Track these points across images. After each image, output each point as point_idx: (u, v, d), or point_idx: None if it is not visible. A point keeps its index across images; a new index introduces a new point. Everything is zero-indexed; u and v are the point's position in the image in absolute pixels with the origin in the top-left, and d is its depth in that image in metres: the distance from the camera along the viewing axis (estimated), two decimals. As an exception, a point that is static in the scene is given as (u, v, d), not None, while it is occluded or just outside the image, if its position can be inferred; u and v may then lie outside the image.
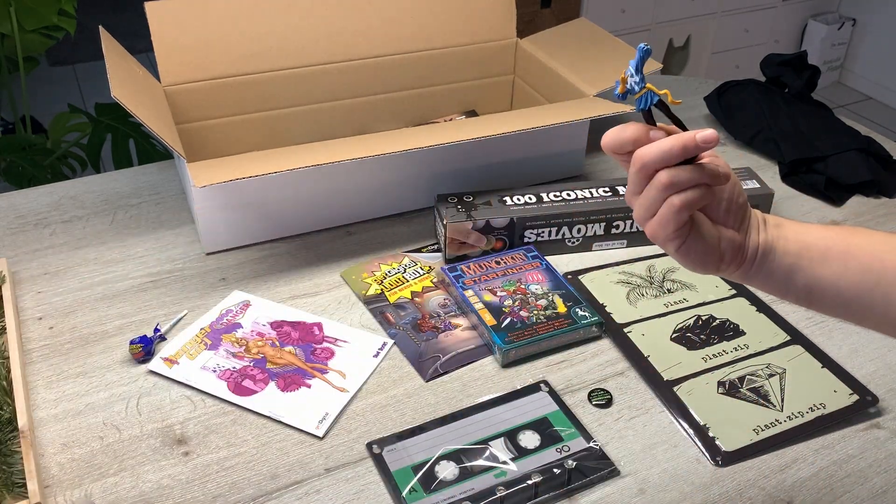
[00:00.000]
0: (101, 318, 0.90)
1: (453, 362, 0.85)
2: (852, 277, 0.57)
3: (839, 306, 0.59)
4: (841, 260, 0.57)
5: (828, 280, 0.58)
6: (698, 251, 0.57)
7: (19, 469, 0.69)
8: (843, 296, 0.58)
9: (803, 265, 0.58)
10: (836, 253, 0.58)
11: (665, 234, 0.56)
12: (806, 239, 0.59)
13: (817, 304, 0.60)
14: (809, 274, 0.58)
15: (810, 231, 0.60)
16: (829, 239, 0.59)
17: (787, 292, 0.60)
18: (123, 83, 0.92)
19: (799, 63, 1.31)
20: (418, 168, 1.05)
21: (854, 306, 0.58)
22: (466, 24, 1.23)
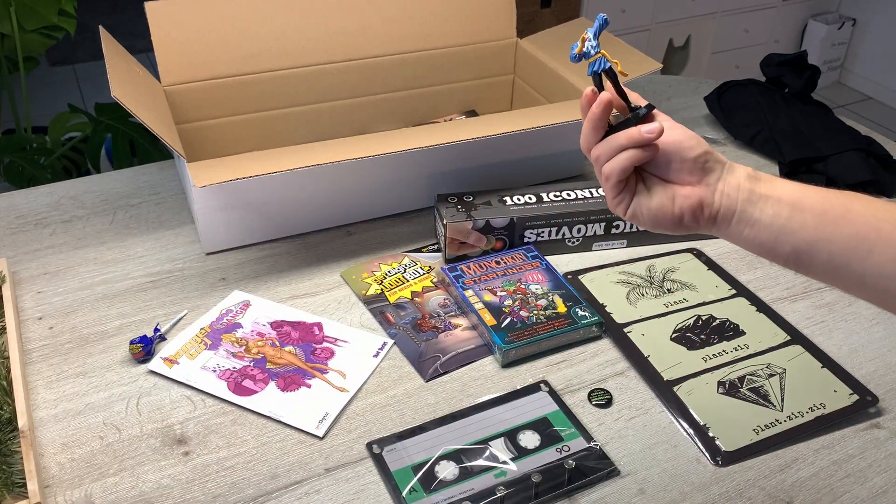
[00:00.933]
0: (101, 318, 0.90)
1: (453, 362, 0.85)
2: (845, 244, 0.55)
3: (828, 272, 0.57)
4: (836, 224, 0.56)
5: (819, 244, 0.56)
6: (648, 211, 0.60)
7: (19, 469, 0.69)
8: (833, 262, 0.56)
9: (793, 227, 0.57)
10: (832, 217, 0.56)
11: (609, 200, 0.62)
12: (801, 199, 0.57)
13: (805, 268, 0.59)
14: (800, 236, 0.57)
15: (807, 192, 0.58)
16: (827, 202, 0.57)
17: (775, 254, 0.59)
18: (123, 83, 0.92)
19: (799, 63, 1.31)
20: (418, 168, 1.05)
21: (843, 272, 0.56)
22: (466, 24, 1.23)
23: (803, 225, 0.57)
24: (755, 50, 3.17)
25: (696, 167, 0.59)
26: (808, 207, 0.57)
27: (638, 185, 0.61)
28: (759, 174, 0.60)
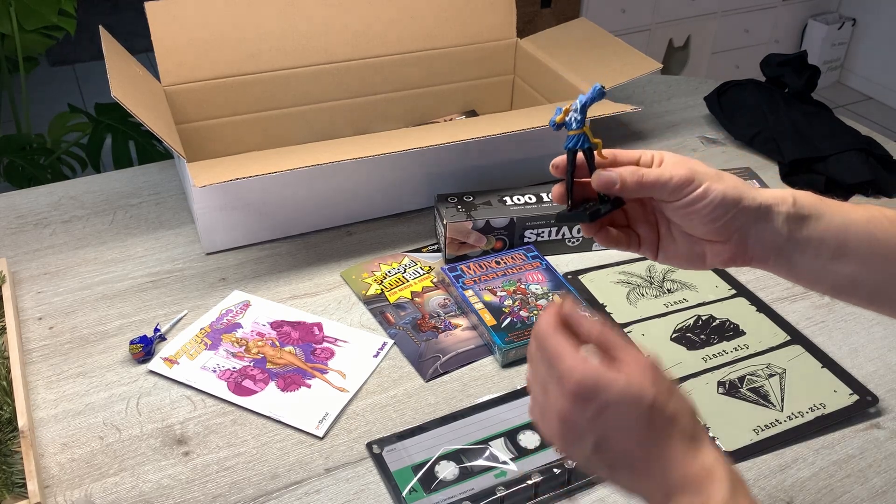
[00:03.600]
0: (101, 318, 0.90)
1: (453, 362, 0.85)
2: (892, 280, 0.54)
3: (870, 302, 0.56)
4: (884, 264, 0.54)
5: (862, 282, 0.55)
6: (678, 260, 0.59)
7: (19, 469, 0.69)
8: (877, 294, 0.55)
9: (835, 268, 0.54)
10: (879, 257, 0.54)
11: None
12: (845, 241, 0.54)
13: (844, 299, 0.57)
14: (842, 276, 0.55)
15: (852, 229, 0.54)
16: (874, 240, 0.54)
17: (813, 287, 0.57)
18: (123, 83, 0.92)
19: (799, 63, 1.31)
20: (418, 168, 1.05)
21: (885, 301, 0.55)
22: (466, 24, 1.23)
23: (846, 266, 0.55)
24: (755, 50, 3.17)
25: (725, 229, 0.55)
26: (853, 249, 0.54)
27: (662, 233, 0.59)
28: (804, 208, 0.55)
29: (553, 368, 0.48)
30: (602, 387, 0.46)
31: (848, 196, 1.15)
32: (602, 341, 0.49)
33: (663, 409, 0.47)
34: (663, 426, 0.47)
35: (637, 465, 0.47)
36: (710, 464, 0.47)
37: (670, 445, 0.47)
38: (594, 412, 0.46)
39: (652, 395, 0.46)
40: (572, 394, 0.47)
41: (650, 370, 0.48)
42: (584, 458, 0.49)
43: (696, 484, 0.46)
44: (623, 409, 0.46)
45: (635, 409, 0.46)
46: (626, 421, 0.46)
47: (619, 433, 0.46)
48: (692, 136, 1.30)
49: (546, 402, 0.49)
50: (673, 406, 0.47)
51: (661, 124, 1.33)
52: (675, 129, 1.32)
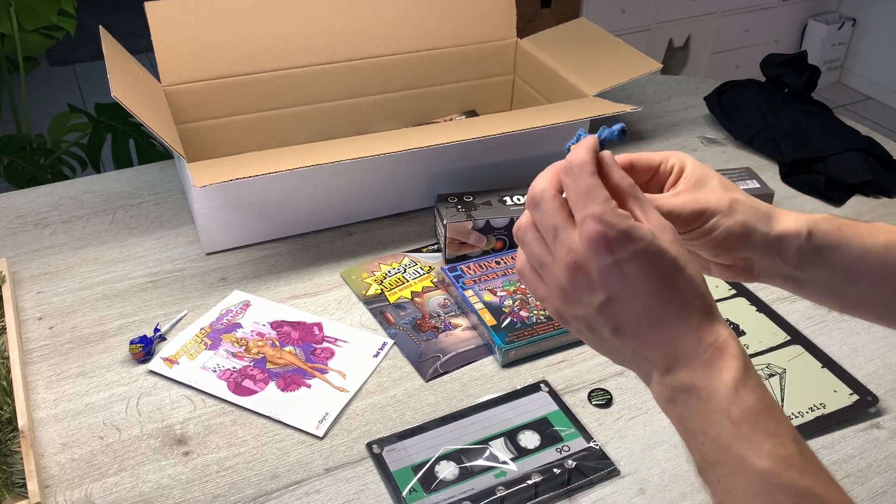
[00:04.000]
0: (101, 318, 0.90)
1: (453, 362, 0.85)
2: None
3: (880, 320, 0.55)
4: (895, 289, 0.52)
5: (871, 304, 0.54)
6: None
7: (19, 469, 0.69)
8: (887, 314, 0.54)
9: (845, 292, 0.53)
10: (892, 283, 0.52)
11: None
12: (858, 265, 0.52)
13: (852, 314, 0.56)
14: (852, 299, 0.54)
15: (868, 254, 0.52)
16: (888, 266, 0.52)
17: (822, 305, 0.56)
18: (123, 83, 0.92)
19: (799, 63, 1.31)
20: (418, 168, 1.05)
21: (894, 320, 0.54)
22: (466, 24, 1.23)
23: (856, 291, 0.53)
24: (755, 50, 3.17)
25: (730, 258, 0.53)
26: (866, 277, 0.53)
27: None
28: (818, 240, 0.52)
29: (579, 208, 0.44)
30: (631, 236, 0.42)
31: (848, 196, 1.15)
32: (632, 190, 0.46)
33: (683, 271, 0.44)
34: (680, 291, 0.44)
35: (646, 329, 0.44)
36: (723, 338, 0.44)
37: (684, 313, 0.44)
38: (613, 262, 0.43)
39: (675, 253, 0.43)
40: (597, 237, 0.43)
41: (672, 230, 0.45)
42: (584, 316, 0.45)
43: (705, 358, 0.43)
44: (645, 266, 0.43)
45: (657, 267, 0.43)
46: (646, 279, 0.43)
47: (633, 291, 0.43)
48: (692, 136, 1.30)
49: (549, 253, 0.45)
50: (691, 270, 0.44)
51: (661, 124, 1.33)
52: (675, 129, 1.32)
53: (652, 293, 0.43)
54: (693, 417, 0.44)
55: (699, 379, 0.43)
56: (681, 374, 0.44)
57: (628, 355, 0.46)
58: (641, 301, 0.43)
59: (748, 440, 0.42)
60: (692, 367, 0.43)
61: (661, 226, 0.44)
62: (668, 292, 0.43)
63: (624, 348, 0.46)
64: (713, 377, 0.43)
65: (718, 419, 0.43)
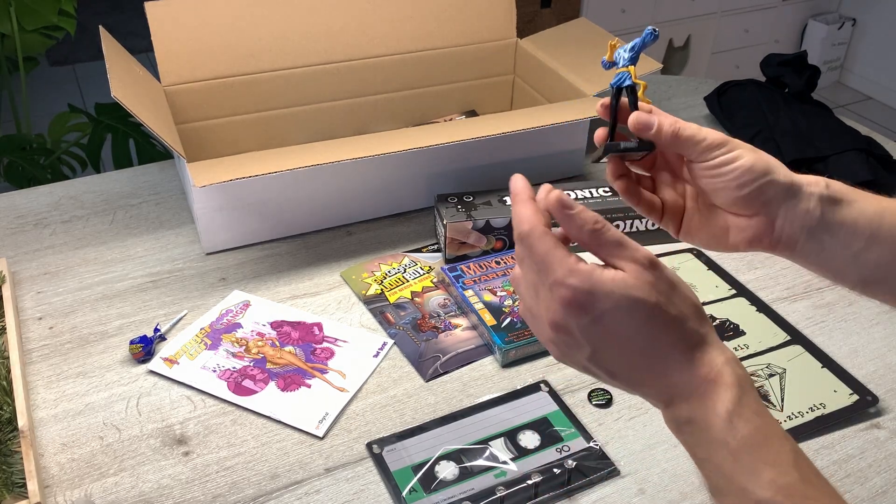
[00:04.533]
0: (101, 318, 0.90)
1: (453, 362, 0.85)
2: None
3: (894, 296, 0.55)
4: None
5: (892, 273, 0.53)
6: (700, 238, 0.57)
7: (19, 469, 0.69)
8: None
9: (866, 258, 0.52)
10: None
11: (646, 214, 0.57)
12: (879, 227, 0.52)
13: (870, 293, 0.55)
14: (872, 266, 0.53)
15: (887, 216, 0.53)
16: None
17: (840, 281, 0.55)
18: (123, 83, 0.92)
19: (799, 63, 1.31)
20: (418, 168, 1.05)
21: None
22: (466, 24, 1.23)
23: (878, 256, 0.53)
24: (755, 50, 3.17)
25: (753, 201, 0.53)
26: (887, 236, 0.52)
27: (688, 206, 0.57)
28: (837, 192, 0.53)
29: (543, 274, 0.45)
30: (598, 294, 0.43)
31: (848, 196, 1.15)
32: (595, 238, 0.45)
33: (664, 312, 0.44)
34: (664, 332, 0.44)
35: (637, 372, 0.45)
36: (717, 368, 0.44)
37: (672, 352, 0.44)
38: (590, 321, 0.43)
39: (653, 300, 0.43)
40: (566, 302, 0.44)
41: (649, 270, 0.44)
42: (581, 366, 0.47)
43: (700, 391, 0.43)
44: (620, 317, 0.43)
45: (634, 316, 0.43)
46: (625, 329, 0.43)
47: (616, 342, 0.44)
48: (692, 136, 1.30)
49: (537, 308, 0.46)
50: (675, 309, 0.44)
51: (661, 124, 1.33)
52: (675, 129, 1.32)
53: (633, 341, 0.44)
54: (699, 446, 0.44)
55: (696, 411, 0.44)
56: (679, 407, 0.44)
57: (632, 391, 0.47)
58: (626, 349, 0.44)
59: (748, 470, 0.42)
60: (689, 401, 0.44)
61: (637, 265, 0.44)
62: (649, 338, 0.44)
63: (625, 387, 0.47)
64: (708, 409, 0.43)
65: (718, 450, 0.43)
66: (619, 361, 0.45)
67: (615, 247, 0.45)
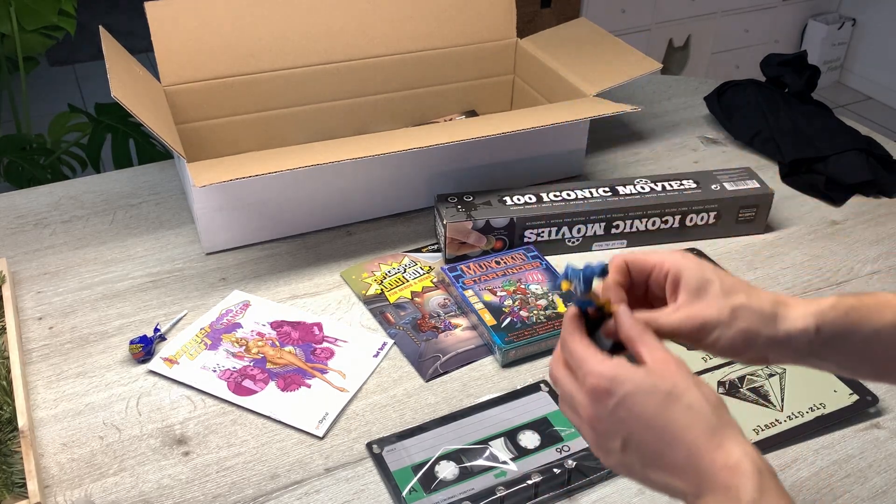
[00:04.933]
0: (101, 318, 0.90)
1: (453, 362, 0.85)
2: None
3: None
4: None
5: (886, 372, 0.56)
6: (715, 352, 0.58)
7: (19, 469, 0.69)
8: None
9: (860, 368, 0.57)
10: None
11: None
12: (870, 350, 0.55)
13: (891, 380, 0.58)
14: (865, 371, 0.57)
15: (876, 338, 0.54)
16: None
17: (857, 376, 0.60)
18: (123, 83, 0.92)
19: (799, 63, 1.31)
20: (418, 168, 1.05)
21: None
22: (466, 24, 1.23)
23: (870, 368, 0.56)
24: (755, 50, 3.17)
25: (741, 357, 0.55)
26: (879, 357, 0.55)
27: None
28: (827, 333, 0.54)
29: (576, 372, 0.50)
30: (619, 380, 0.47)
31: (848, 196, 1.15)
32: (626, 336, 0.51)
33: (681, 397, 0.47)
34: (682, 415, 0.46)
35: (664, 459, 0.47)
36: (735, 458, 0.45)
37: (691, 436, 0.46)
38: (614, 406, 0.47)
39: (670, 384, 0.47)
40: (592, 390, 0.48)
41: (672, 363, 0.48)
42: (619, 461, 0.49)
43: (723, 481, 0.45)
44: (640, 399, 0.47)
45: (653, 398, 0.47)
46: (646, 409, 0.46)
47: (640, 424, 0.47)
48: (692, 136, 1.30)
49: (578, 415, 0.51)
50: (693, 396, 0.47)
51: (661, 124, 1.33)
52: (675, 129, 1.32)
53: (653, 424, 0.47)
54: None
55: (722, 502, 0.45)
56: (707, 500, 0.46)
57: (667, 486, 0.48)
58: (650, 432, 0.47)
59: None
60: (715, 493, 0.45)
61: (662, 360, 0.49)
62: (671, 419, 0.47)
63: (659, 480, 0.48)
64: (731, 499, 0.44)
65: None
66: (646, 445, 0.47)
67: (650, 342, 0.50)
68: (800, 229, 1.08)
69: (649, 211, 1.01)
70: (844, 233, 1.07)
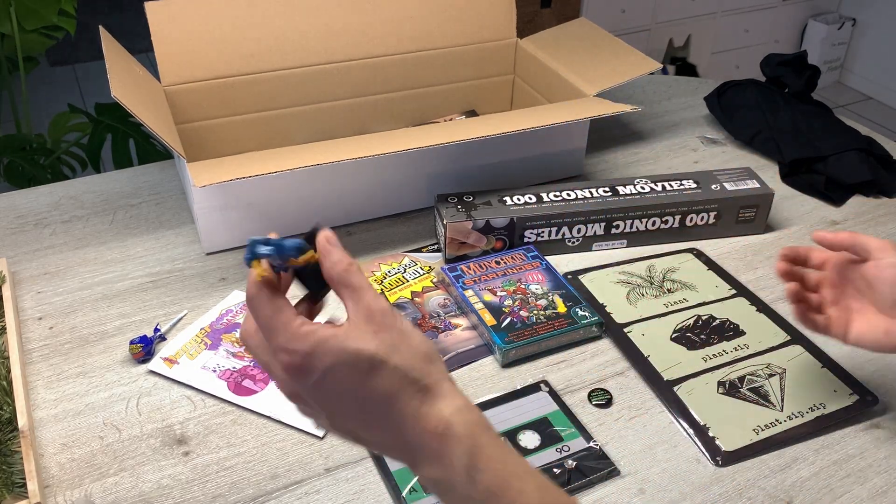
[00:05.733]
0: (101, 318, 0.90)
1: (453, 362, 0.85)
2: None
3: None
4: None
5: None
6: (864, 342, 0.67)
7: (19, 469, 0.69)
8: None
9: None
10: None
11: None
12: None
13: None
14: None
15: None
16: None
17: None
18: (123, 83, 0.92)
19: (799, 63, 1.31)
20: (418, 168, 1.05)
21: None
22: (466, 24, 1.23)
23: None
24: (755, 50, 3.17)
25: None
26: None
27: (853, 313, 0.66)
28: None
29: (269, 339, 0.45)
30: (317, 354, 0.43)
31: (848, 196, 1.15)
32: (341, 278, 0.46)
33: (387, 361, 0.43)
34: (387, 381, 0.43)
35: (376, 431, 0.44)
36: (445, 419, 0.43)
37: (399, 406, 0.43)
38: (314, 383, 0.43)
39: (372, 349, 0.43)
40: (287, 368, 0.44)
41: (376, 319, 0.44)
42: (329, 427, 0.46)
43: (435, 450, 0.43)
44: (343, 372, 0.43)
45: (355, 370, 0.43)
46: (350, 382, 0.43)
47: (345, 400, 0.43)
48: (692, 136, 1.30)
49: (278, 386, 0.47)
50: (399, 356, 0.43)
51: (661, 124, 1.33)
52: (675, 129, 1.32)
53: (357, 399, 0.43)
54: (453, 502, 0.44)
55: (436, 472, 0.43)
56: (423, 469, 0.44)
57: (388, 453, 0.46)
58: (355, 406, 0.43)
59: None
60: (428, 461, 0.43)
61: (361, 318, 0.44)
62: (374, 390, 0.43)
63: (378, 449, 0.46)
64: (447, 468, 0.43)
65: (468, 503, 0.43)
66: (354, 421, 0.44)
67: (353, 291, 0.45)
68: (800, 229, 1.08)
69: (649, 211, 1.01)
70: (844, 233, 1.07)
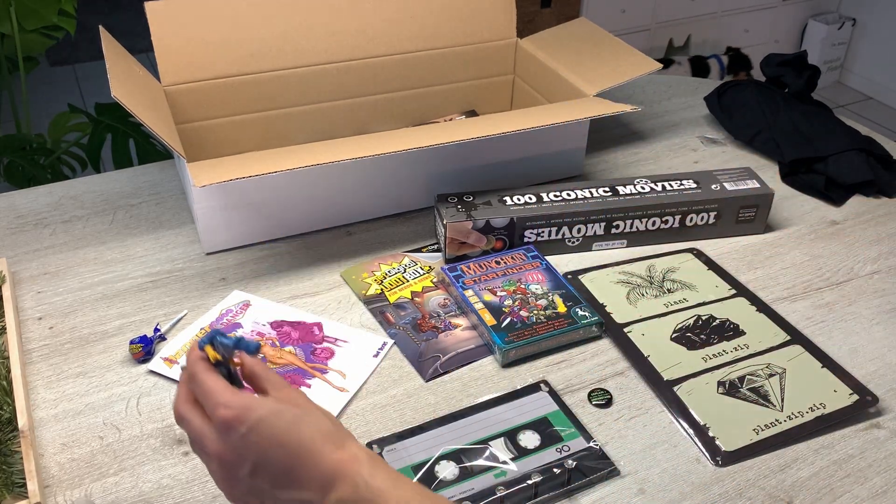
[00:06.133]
0: (101, 318, 0.90)
1: (453, 362, 0.85)
2: None
3: None
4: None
5: None
6: None
7: (19, 469, 0.69)
8: None
9: None
10: None
11: None
12: None
13: None
14: None
15: None
16: None
17: None
18: (123, 83, 0.92)
19: (799, 63, 1.31)
20: (418, 168, 1.05)
21: None
22: (466, 24, 1.23)
23: None
24: (755, 50, 3.17)
25: None
26: None
27: None
28: None
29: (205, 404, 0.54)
30: (251, 407, 0.53)
31: (848, 196, 1.15)
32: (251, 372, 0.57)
33: (307, 416, 0.54)
34: (309, 429, 0.53)
35: (294, 473, 0.52)
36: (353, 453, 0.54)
37: (318, 446, 0.53)
38: (246, 431, 0.52)
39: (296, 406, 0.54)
40: (222, 423, 0.52)
41: (294, 392, 0.56)
42: (248, 487, 0.54)
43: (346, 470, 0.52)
44: (271, 421, 0.52)
45: (283, 418, 0.53)
46: (278, 429, 0.52)
47: (273, 444, 0.52)
48: (692, 136, 1.30)
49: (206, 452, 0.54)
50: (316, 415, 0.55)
51: (661, 124, 1.33)
52: (675, 129, 1.32)
53: (285, 440, 0.52)
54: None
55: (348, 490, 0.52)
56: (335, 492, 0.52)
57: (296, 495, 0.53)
58: (281, 450, 0.52)
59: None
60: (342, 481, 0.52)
61: (286, 391, 0.56)
62: (297, 436, 0.53)
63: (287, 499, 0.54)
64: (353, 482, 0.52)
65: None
66: (279, 463, 0.52)
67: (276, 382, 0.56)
68: (800, 229, 1.08)
69: (649, 211, 1.01)
70: (844, 233, 1.07)
